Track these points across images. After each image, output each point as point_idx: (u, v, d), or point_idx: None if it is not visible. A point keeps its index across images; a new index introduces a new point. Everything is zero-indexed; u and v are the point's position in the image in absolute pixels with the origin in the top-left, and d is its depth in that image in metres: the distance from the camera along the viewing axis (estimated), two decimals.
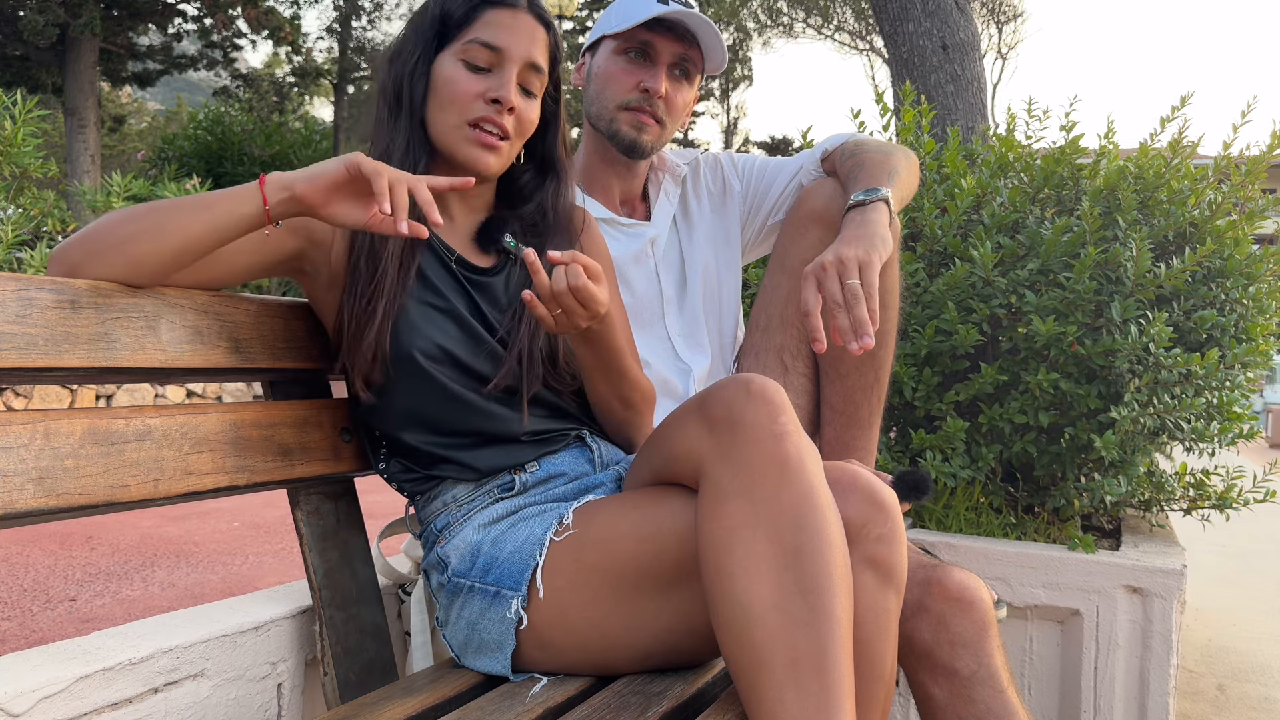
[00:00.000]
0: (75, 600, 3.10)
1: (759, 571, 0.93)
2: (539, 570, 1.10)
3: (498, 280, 1.25)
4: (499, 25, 1.21)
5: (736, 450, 0.98)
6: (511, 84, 1.20)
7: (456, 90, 1.20)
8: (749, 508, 0.95)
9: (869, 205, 1.40)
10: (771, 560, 0.93)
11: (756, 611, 0.92)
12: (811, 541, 0.94)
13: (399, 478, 1.25)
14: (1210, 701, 2.55)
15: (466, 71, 1.21)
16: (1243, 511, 2.10)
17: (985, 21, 23.44)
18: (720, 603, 0.95)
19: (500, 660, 1.13)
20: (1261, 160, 2.10)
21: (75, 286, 1.00)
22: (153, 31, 17.82)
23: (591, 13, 28.23)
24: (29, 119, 3.88)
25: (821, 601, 0.92)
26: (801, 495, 0.95)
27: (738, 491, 0.96)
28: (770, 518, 0.95)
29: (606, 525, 1.10)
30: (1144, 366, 1.91)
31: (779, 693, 0.90)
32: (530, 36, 1.22)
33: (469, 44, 1.20)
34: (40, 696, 0.98)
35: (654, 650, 1.10)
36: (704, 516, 0.98)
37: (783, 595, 0.92)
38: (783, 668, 0.90)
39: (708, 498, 0.99)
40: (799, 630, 0.91)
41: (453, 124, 1.21)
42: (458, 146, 1.21)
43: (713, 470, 0.99)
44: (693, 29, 1.55)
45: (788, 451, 0.97)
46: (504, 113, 1.20)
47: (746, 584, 0.93)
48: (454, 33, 1.22)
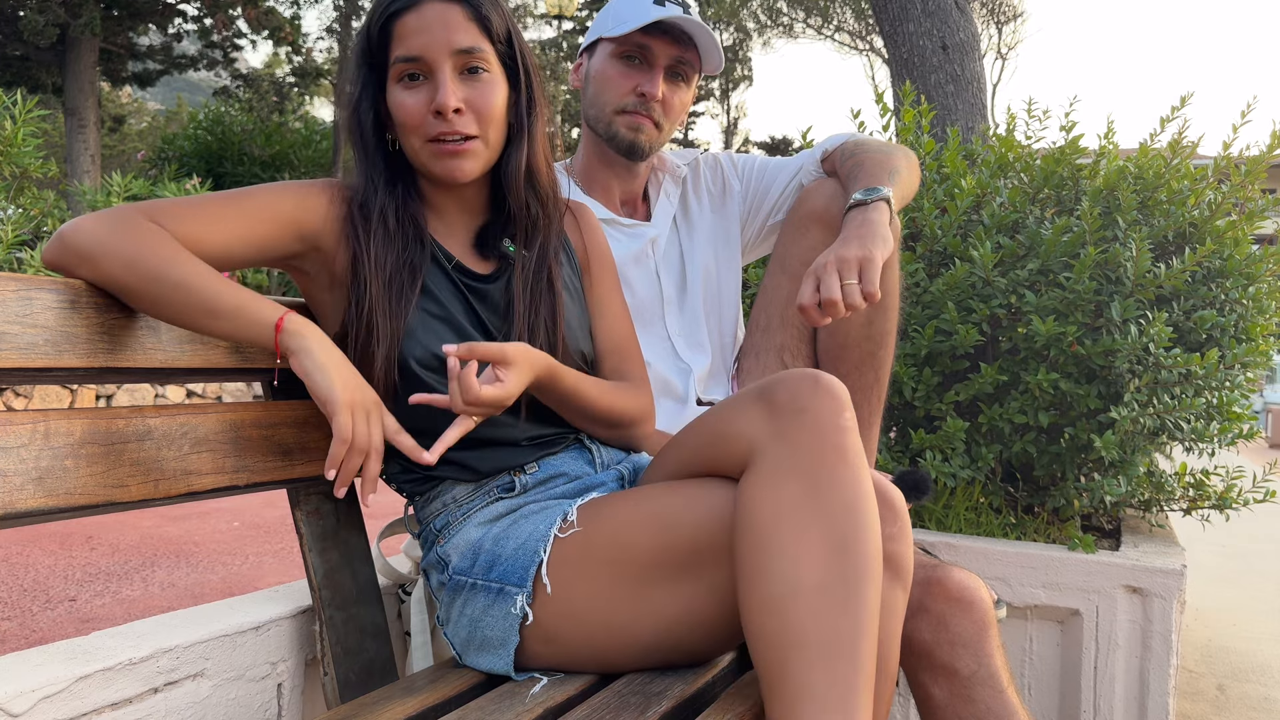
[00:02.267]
0: (75, 600, 3.10)
1: (809, 552, 0.95)
2: (544, 566, 1.10)
3: (496, 287, 1.25)
4: (409, 32, 1.16)
5: (799, 435, 1.00)
6: (446, 85, 1.15)
7: (405, 115, 1.17)
8: (806, 490, 0.97)
9: (869, 205, 1.40)
10: (822, 544, 0.96)
11: (802, 589, 0.94)
12: (860, 533, 0.97)
13: (398, 478, 1.25)
14: (1210, 701, 2.55)
15: (405, 91, 1.17)
16: (1243, 511, 2.10)
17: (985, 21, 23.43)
18: (759, 576, 0.97)
19: (503, 657, 1.13)
20: (1261, 160, 2.10)
21: (75, 287, 1.00)
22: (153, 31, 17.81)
23: (591, 12, 28.22)
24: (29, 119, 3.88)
25: (861, 591, 0.95)
26: (857, 488, 0.98)
27: (797, 474, 0.98)
28: (826, 503, 0.97)
29: (618, 516, 1.11)
30: (1144, 366, 1.91)
31: (808, 673, 0.91)
32: (444, 25, 1.16)
33: (395, 64, 1.17)
34: (40, 696, 0.98)
35: (659, 643, 1.10)
36: (754, 493, 1.00)
37: (829, 579, 0.94)
38: (817, 648, 0.92)
39: (761, 474, 1.00)
40: (840, 615, 0.93)
41: (416, 146, 1.19)
42: (428, 165, 1.19)
43: (771, 449, 1.00)
44: (689, 32, 1.55)
45: (849, 444, 1.00)
46: (450, 118, 1.16)
47: (794, 562, 0.95)
48: (382, 57, 1.19)
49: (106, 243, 1.00)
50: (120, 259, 1.00)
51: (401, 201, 1.22)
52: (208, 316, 1.01)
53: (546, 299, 1.25)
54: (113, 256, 0.99)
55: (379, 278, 1.17)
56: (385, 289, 1.16)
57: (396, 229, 1.20)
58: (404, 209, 1.21)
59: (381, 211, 1.20)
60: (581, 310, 1.32)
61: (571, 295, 1.30)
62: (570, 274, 1.32)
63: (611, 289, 1.39)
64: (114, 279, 1.00)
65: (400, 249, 1.19)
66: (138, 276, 1.00)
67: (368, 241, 1.18)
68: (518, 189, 1.25)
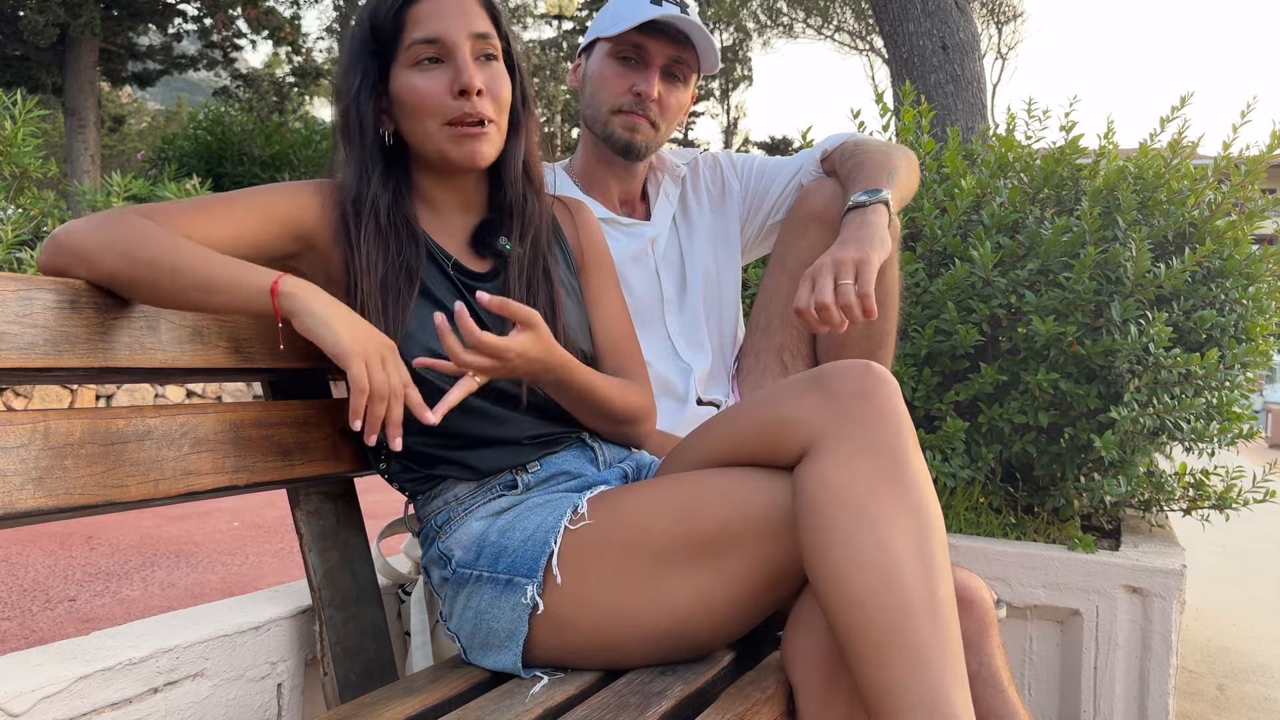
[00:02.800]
0: (75, 600, 3.10)
1: (900, 526, 0.99)
2: (554, 557, 1.10)
3: (494, 285, 1.24)
4: (428, 15, 1.17)
5: (864, 418, 1.04)
6: (469, 67, 1.16)
7: (421, 97, 1.17)
8: (883, 470, 1.01)
9: (869, 207, 1.40)
10: (909, 517, 1.00)
11: (903, 560, 0.98)
12: (934, 508, 1.03)
13: (400, 477, 1.25)
14: (1210, 701, 2.55)
15: (421, 75, 1.17)
16: (1243, 511, 2.10)
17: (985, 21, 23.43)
18: (855, 550, 0.99)
19: (510, 651, 1.12)
20: (1261, 160, 2.10)
21: (75, 286, 1.00)
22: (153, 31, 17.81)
23: (591, 12, 28.21)
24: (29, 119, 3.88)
25: (944, 560, 1.00)
26: (923, 468, 1.04)
27: (869, 455, 1.02)
28: (904, 481, 1.02)
29: (638, 505, 1.11)
30: (1144, 366, 1.91)
31: (922, 633, 0.96)
32: (460, 10, 1.17)
33: (411, 48, 1.17)
34: (40, 696, 0.98)
35: (669, 631, 1.10)
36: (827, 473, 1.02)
37: (921, 549, 0.99)
38: (926, 611, 0.96)
39: (833, 454, 1.03)
40: (939, 582, 0.98)
41: (432, 130, 1.18)
42: (445, 149, 1.19)
43: (839, 431, 1.03)
44: (685, 31, 1.55)
45: (909, 428, 1.05)
46: (474, 99, 1.16)
47: (889, 535, 0.99)
48: (392, 45, 1.19)
49: (100, 238, 1.00)
50: (114, 250, 0.99)
51: (393, 198, 1.21)
52: (205, 293, 1.00)
53: (545, 292, 1.25)
54: (107, 249, 0.99)
55: (371, 276, 1.16)
56: (380, 290, 1.16)
57: (389, 227, 1.19)
58: (395, 206, 1.21)
59: (373, 205, 1.19)
60: (579, 308, 1.32)
61: (569, 293, 1.30)
62: (566, 272, 1.32)
63: (609, 286, 1.39)
64: (111, 272, 1.00)
65: (394, 249, 1.19)
66: (132, 264, 0.99)
67: (359, 239, 1.18)
68: (517, 181, 1.26)
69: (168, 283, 1.00)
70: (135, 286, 1.01)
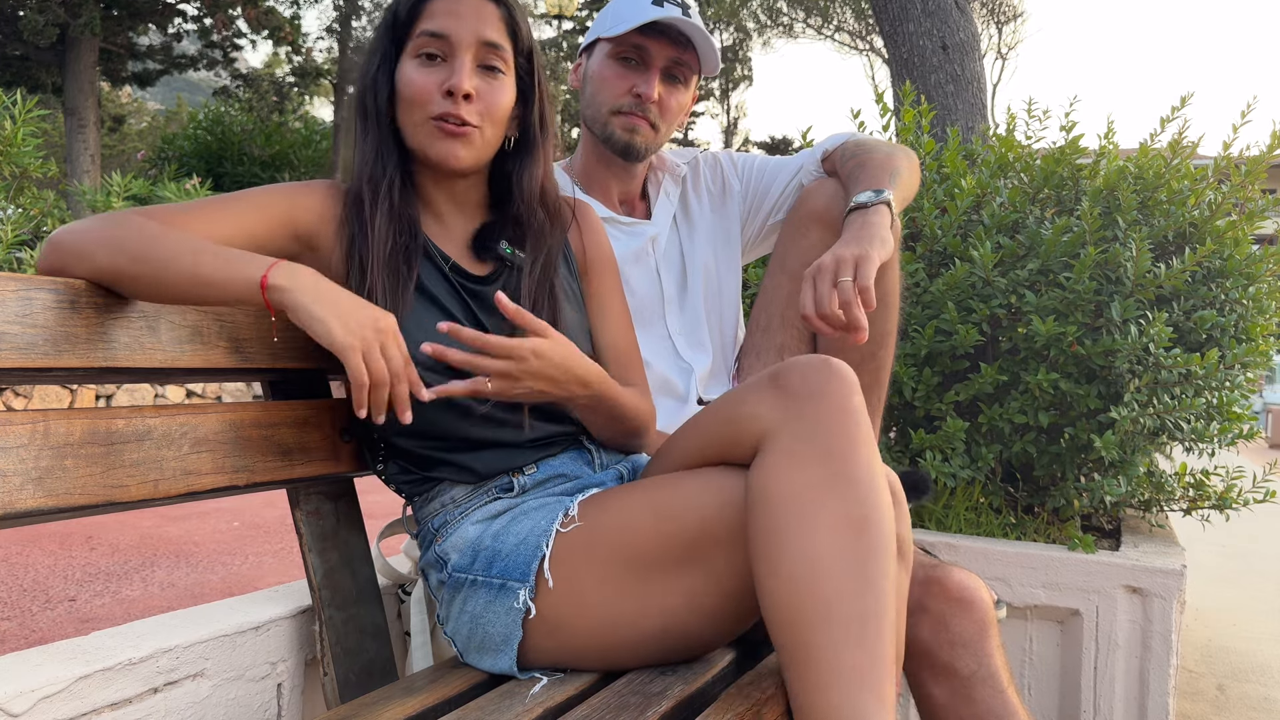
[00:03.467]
0: (75, 600, 3.10)
1: (831, 530, 0.96)
2: (546, 560, 1.10)
3: (493, 289, 1.24)
4: (442, 12, 1.18)
5: (815, 417, 1.01)
6: (465, 70, 1.17)
7: (414, 88, 1.18)
8: (824, 471, 0.98)
9: (871, 208, 1.40)
10: (844, 523, 0.96)
11: (826, 568, 0.95)
12: (876, 515, 0.98)
13: (397, 479, 1.25)
14: (1210, 701, 2.55)
15: (421, 67, 1.18)
16: (1243, 511, 2.10)
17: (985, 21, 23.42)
18: (781, 555, 0.97)
19: (506, 654, 1.13)
20: (1261, 160, 2.10)
21: (75, 286, 1.00)
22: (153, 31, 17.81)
23: (591, 12, 28.22)
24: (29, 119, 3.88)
25: (882, 569, 0.96)
26: (871, 470, 1.00)
27: (814, 455, 0.99)
28: (845, 485, 0.98)
29: (621, 508, 1.11)
30: (1144, 366, 1.91)
31: (840, 649, 0.92)
32: (477, 15, 1.18)
33: (418, 38, 1.18)
34: (40, 696, 0.98)
35: (664, 633, 1.10)
36: (771, 473, 1.00)
37: (853, 558, 0.95)
38: (846, 624, 0.93)
39: (777, 456, 1.01)
40: (868, 592, 0.94)
41: (417, 122, 1.19)
42: (427, 145, 1.19)
43: (785, 432, 1.01)
44: (685, 33, 1.55)
45: (863, 429, 1.02)
46: (459, 101, 1.17)
47: (816, 541, 0.96)
48: (405, 32, 1.20)
49: (96, 236, 1.00)
50: (110, 246, 0.99)
51: (399, 193, 1.21)
52: (197, 286, 0.99)
53: (548, 305, 1.25)
54: (102, 245, 0.99)
55: (380, 253, 1.16)
56: (384, 267, 1.16)
57: (387, 223, 1.19)
58: (402, 197, 1.21)
59: (389, 186, 1.19)
60: (580, 312, 1.32)
61: (569, 297, 1.30)
62: (567, 274, 1.32)
63: (613, 291, 1.38)
64: (106, 268, 1.00)
65: (396, 235, 1.19)
66: (128, 259, 0.99)
67: (372, 215, 1.17)
68: (530, 200, 1.27)
69: (162, 277, 0.99)
70: (132, 282, 1.00)
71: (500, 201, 1.29)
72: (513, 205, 1.28)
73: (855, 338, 1.24)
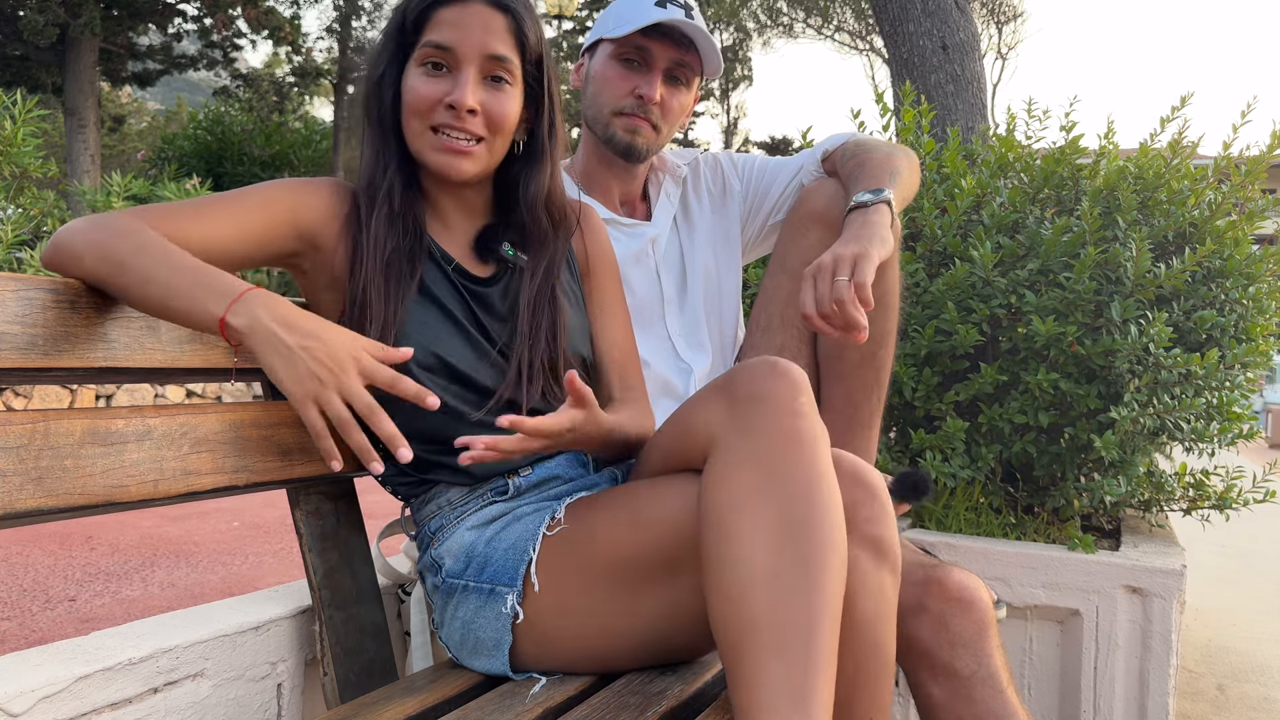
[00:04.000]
0: (75, 600, 3.10)
1: (762, 539, 0.94)
2: (533, 565, 1.10)
3: (495, 290, 1.24)
4: (449, 23, 1.17)
5: (754, 422, 0.99)
6: (468, 84, 1.16)
7: (416, 96, 1.17)
8: (760, 477, 0.97)
9: (871, 207, 1.40)
10: (776, 529, 0.95)
11: (755, 579, 0.93)
12: (815, 515, 0.95)
13: (394, 481, 1.25)
14: (1210, 701, 2.55)
15: (425, 77, 1.18)
16: (1243, 511, 2.10)
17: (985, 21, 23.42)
18: (719, 567, 0.96)
19: (498, 659, 1.13)
20: (1261, 160, 2.10)
21: (75, 287, 1.00)
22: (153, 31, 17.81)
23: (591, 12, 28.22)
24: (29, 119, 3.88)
25: (817, 575, 0.93)
26: (811, 471, 0.97)
27: (750, 460, 0.98)
28: (779, 488, 0.96)
29: (602, 516, 1.11)
30: (1144, 366, 1.91)
31: (763, 661, 0.90)
32: (484, 27, 1.17)
33: (423, 47, 1.18)
34: (40, 696, 0.98)
35: (652, 638, 1.10)
36: (712, 483, 0.99)
37: (782, 565, 0.93)
38: (769, 635, 0.91)
39: (718, 465, 1.00)
40: (793, 601, 0.92)
41: (417, 131, 1.19)
42: (426, 155, 1.19)
43: (727, 439, 1.00)
44: (688, 34, 1.55)
45: (803, 428, 0.99)
46: (463, 116, 1.16)
47: (750, 550, 0.94)
48: (412, 38, 1.19)
49: (88, 239, 1.00)
50: (95, 252, 0.99)
51: (404, 190, 1.21)
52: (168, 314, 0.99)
53: (549, 307, 1.25)
54: (89, 249, 0.99)
55: (377, 257, 1.16)
56: (382, 272, 1.16)
57: (398, 214, 1.19)
58: (405, 199, 1.21)
59: (389, 190, 1.19)
60: (581, 314, 1.32)
61: (570, 299, 1.30)
62: (569, 278, 1.32)
63: (614, 294, 1.38)
64: (93, 274, 0.99)
65: (400, 236, 1.19)
66: (112, 266, 0.98)
67: (369, 219, 1.17)
68: (535, 208, 1.27)
69: (138, 295, 0.98)
70: (116, 291, 1.00)
71: (505, 204, 1.29)
72: (517, 210, 1.28)
73: (855, 337, 1.24)
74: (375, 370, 1.02)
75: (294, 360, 0.98)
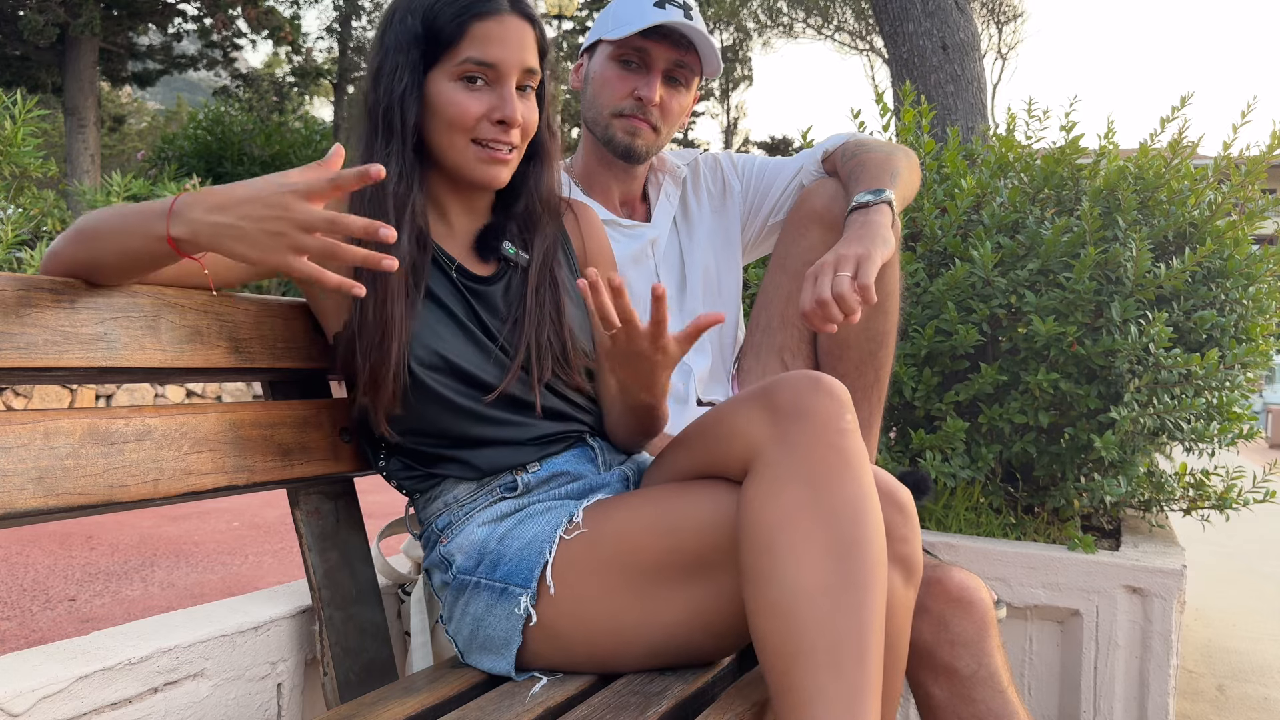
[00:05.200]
0: (75, 600, 3.10)
1: (813, 557, 0.95)
2: (549, 567, 1.10)
3: (497, 289, 1.25)
4: (490, 39, 1.16)
5: (801, 438, 0.99)
6: (513, 100, 1.17)
7: (459, 111, 1.17)
8: (809, 495, 0.97)
9: (872, 207, 1.40)
10: (827, 549, 0.95)
11: (806, 596, 0.94)
12: (864, 536, 0.96)
13: (398, 475, 1.25)
14: (1210, 701, 2.55)
15: (465, 91, 1.17)
16: (1243, 511, 2.10)
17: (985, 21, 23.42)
18: (765, 583, 0.96)
19: (505, 658, 1.13)
20: (1261, 160, 2.10)
21: (75, 286, 1.00)
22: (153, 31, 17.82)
23: (591, 12, 28.21)
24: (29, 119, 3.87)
25: (867, 595, 0.94)
26: (860, 492, 0.98)
27: (799, 478, 0.98)
28: (830, 509, 0.97)
29: (625, 519, 1.11)
30: (1144, 367, 1.91)
31: (818, 678, 0.91)
32: (520, 42, 1.18)
33: (463, 63, 1.16)
34: (40, 696, 0.98)
35: (667, 645, 1.10)
36: (756, 498, 1.00)
37: (833, 584, 0.94)
38: (824, 654, 0.92)
39: (763, 480, 1.00)
40: (846, 619, 0.93)
41: (460, 145, 1.19)
42: (468, 167, 1.19)
43: (772, 454, 1.00)
44: (687, 35, 1.55)
45: (850, 447, 1.00)
46: (510, 130, 1.18)
47: (798, 568, 0.95)
48: (443, 50, 1.17)
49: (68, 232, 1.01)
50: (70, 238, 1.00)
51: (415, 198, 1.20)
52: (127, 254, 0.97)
53: (551, 298, 1.26)
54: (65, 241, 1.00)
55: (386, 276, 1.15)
56: (389, 290, 1.16)
57: (403, 224, 1.19)
58: (408, 211, 1.21)
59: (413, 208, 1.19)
60: (580, 310, 1.32)
61: (572, 296, 1.30)
62: (569, 274, 1.33)
63: None
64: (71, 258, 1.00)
65: (405, 248, 1.19)
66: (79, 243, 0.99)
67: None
68: (534, 204, 1.29)
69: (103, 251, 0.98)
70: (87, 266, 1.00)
71: (506, 203, 1.30)
72: (519, 205, 1.29)
73: (848, 319, 1.25)
74: (313, 182, 0.91)
75: (245, 234, 0.92)
